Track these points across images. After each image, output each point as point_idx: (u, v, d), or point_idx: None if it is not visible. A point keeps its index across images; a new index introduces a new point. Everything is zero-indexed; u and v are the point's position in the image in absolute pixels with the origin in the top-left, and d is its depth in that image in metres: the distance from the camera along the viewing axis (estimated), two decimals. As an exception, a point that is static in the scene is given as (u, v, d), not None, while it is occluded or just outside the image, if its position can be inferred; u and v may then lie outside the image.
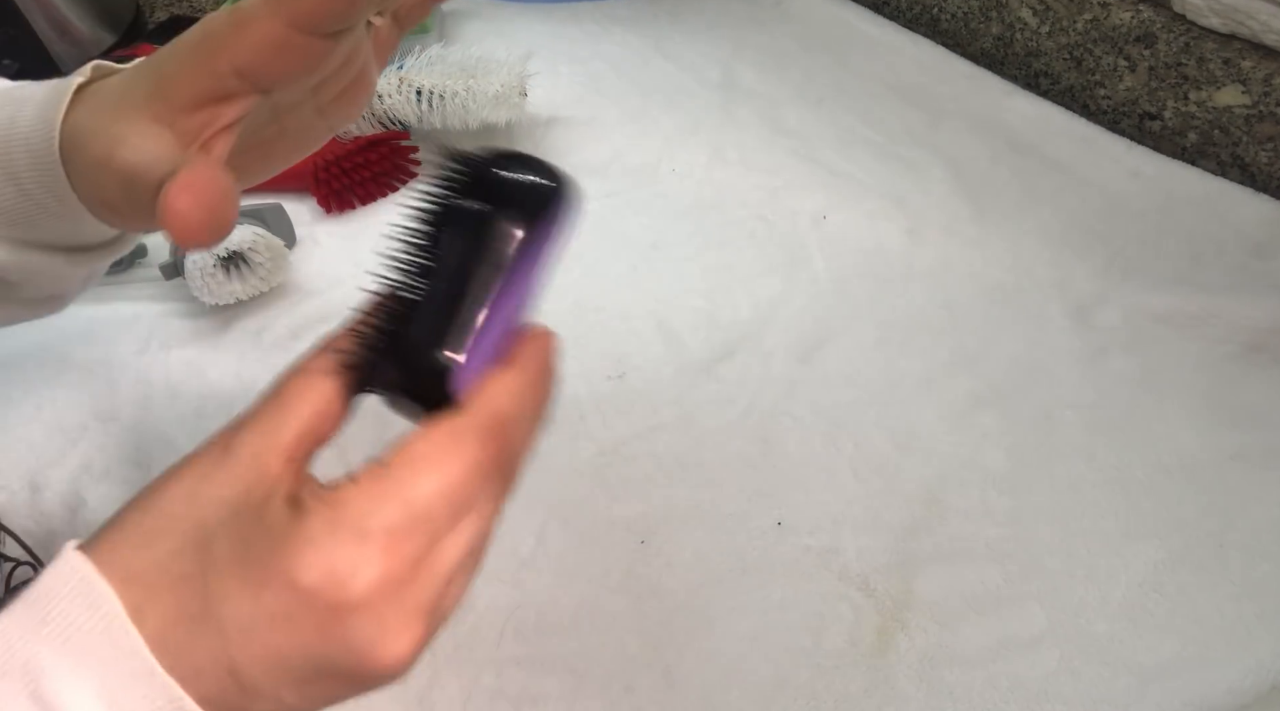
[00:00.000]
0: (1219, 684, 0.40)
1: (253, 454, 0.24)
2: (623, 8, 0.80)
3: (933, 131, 0.67)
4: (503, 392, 0.25)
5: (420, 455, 0.23)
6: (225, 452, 0.24)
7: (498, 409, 0.24)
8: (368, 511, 0.22)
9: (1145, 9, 0.61)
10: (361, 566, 0.22)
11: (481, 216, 0.25)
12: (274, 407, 0.24)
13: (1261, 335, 0.53)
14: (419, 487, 0.23)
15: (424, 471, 0.23)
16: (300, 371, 0.25)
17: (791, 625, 0.42)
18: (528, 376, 0.25)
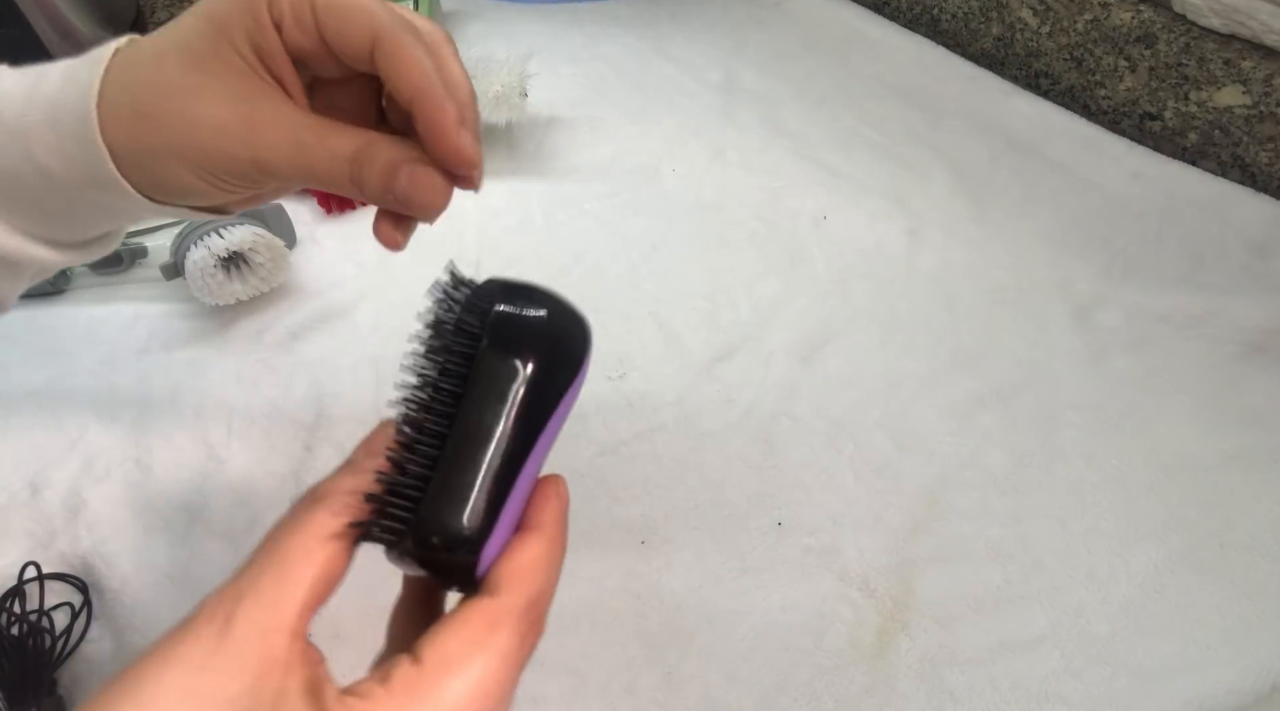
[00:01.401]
0: (1219, 684, 0.40)
1: (256, 634, 0.21)
2: (623, 9, 0.80)
3: (933, 132, 0.67)
4: (532, 568, 0.23)
5: (456, 654, 0.21)
6: (224, 634, 0.20)
7: (531, 589, 0.22)
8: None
9: (1146, 9, 0.61)
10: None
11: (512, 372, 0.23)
12: (275, 576, 0.21)
13: (1262, 335, 0.53)
14: (456, 690, 0.21)
15: (460, 671, 0.21)
16: (301, 532, 0.22)
17: (792, 625, 0.42)
18: (553, 544, 0.24)
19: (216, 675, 0.20)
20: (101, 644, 0.42)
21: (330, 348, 0.53)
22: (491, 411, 0.23)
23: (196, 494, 0.46)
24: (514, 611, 0.22)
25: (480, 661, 0.21)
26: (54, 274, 0.33)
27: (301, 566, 0.22)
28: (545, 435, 0.24)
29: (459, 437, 0.23)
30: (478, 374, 0.23)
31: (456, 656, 0.21)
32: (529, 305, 0.24)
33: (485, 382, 0.23)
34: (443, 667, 0.21)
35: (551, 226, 0.60)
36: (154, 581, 0.43)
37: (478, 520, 0.22)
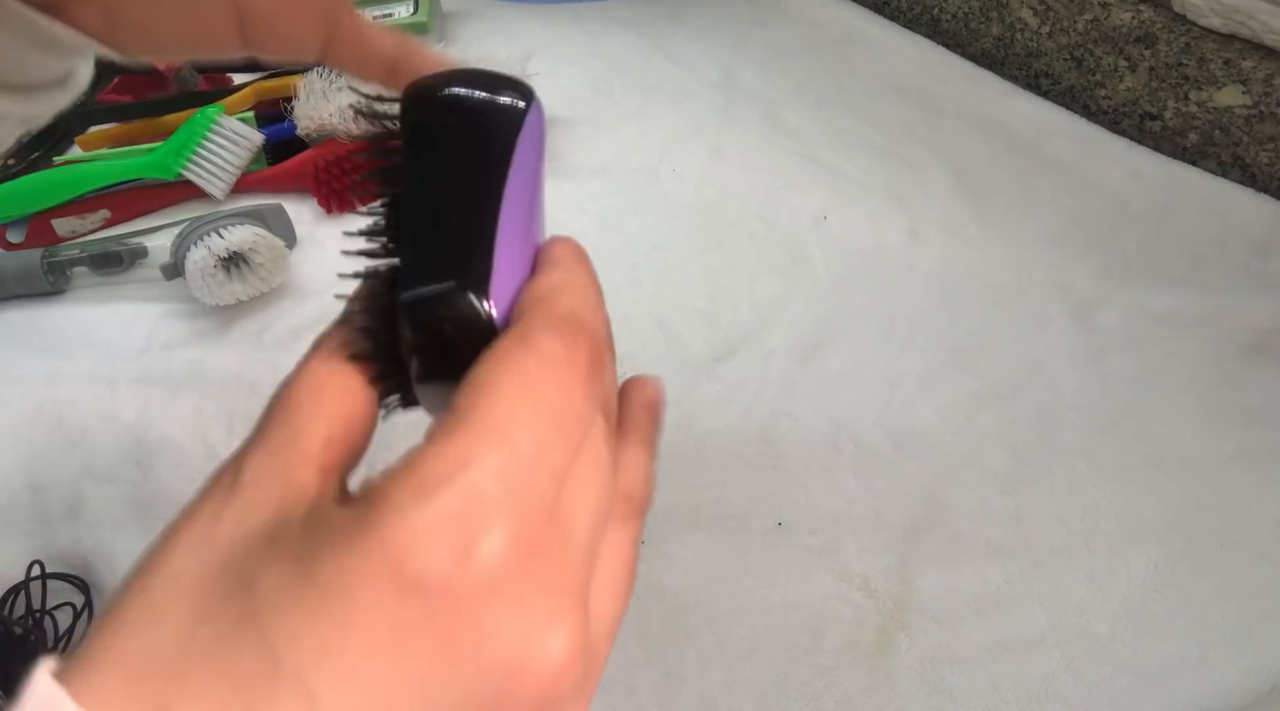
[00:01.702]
0: (1220, 684, 0.40)
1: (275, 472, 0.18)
2: (623, 8, 0.80)
3: (933, 132, 0.67)
4: (555, 288, 0.20)
5: (492, 378, 0.17)
6: (235, 481, 0.18)
7: (559, 303, 0.19)
8: (462, 460, 0.16)
9: (1146, 9, 0.61)
10: (479, 530, 0.16)
11: (449, 133, 0.22)
12: (285, 417, 0.19)
13: (1262, 335, 0.53)
14: (513, 414, 0.17)
15: (508, 393, 0.17)
16: (299, 377, 0.20)
17: (792, 625, 0.42)
18: (572, 271, 0.21)
19: (232, 518, 0.17)
20: (102, 644, 0.42)
21: (330, 347, 0.53)
22: (434, 177, 0.21)
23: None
24: (545, 325, 0.18)
25: (528, 376, 0.17)
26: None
27: (313, 403, 0.19)
28: (514, 180, 0.21)
29: (410, 215, 0.21)
30: (413, 160, 0.22)
31: (494, 381, 0.17)
32: (440, 88, 0.22)
33: (422, 160, 0.22)
34: (483, 399, 0.17)
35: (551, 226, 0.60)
36: (154, 581, 0.43)
37: (465, 262, 0.20)
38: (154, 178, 0.61)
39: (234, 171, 0.61)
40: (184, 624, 0.16)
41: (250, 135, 0.61)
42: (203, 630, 0.16)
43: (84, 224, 0.61)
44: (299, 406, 0.19)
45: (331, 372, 0.20)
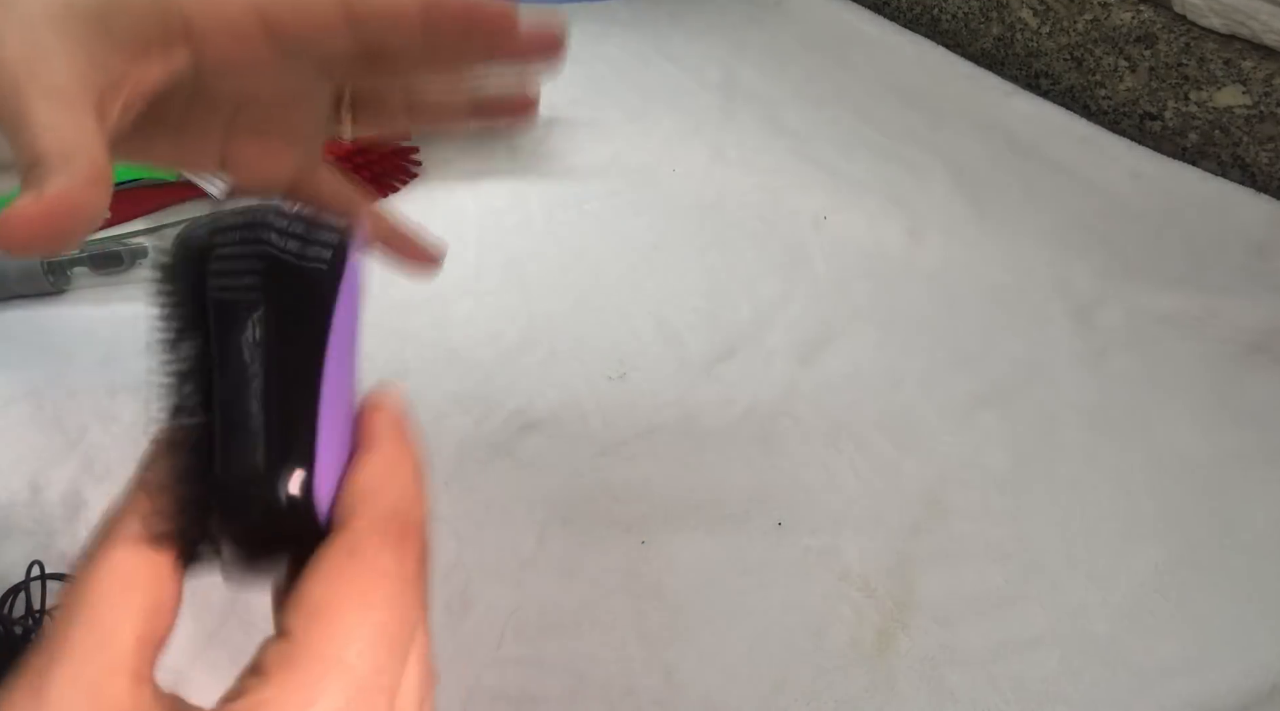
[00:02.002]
0: (1220, 684, 0.40)
1: (80, 690, 0.16)
2: (623, 9, 0.80)
3: (933, 132, 0.67)
4: (378, 482, 0.20)
5: (327, 603, 0.17)
6: (37, 702, 0.16)
7: (383, 502, 0.19)
8: (308, 701, 0.16)
9: (1146, 9, 0.61)
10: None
11: (251, 297, 0.20)
12: (88, 622, 0.17)
13: (1263, 335, 0.53)
14: (351, 644, 0.17)
15: (345, 621, 0.17)
16: (104, 566, 0.18)
17: (792, 626, 0.42)
18: (393, 454, 0.21)
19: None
20: (102, 644, 0.42)
21: (330, 347, 0.53)
22: (238, 354, 0.20)
23: (196, 494, 0.46)
24: (369, 529, 0.18)
25: (364, 598, 0.17)
26: None
27: (117, 601, 0.17)
28: (330, 356, 0.20)
29: (222, 395, 0.19)
30: (213, 330, 0.20)
31: (329, 605, 0.17)
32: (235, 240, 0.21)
33: (222, 331, 0.20)
34: (321, 627, 0.17)
35: (551, 226, 0.60)
36: (154, 581, 0.43)
37: (288, 462, 0.19)
38: (154, 178, 0.61)
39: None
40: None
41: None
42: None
43: (84, 224, 0.61)
44: (104, 606, 0.17)
45: (137, 562, 0.18)
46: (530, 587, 0.43)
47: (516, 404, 0.50)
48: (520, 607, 0.43)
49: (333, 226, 0.22)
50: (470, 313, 0.55)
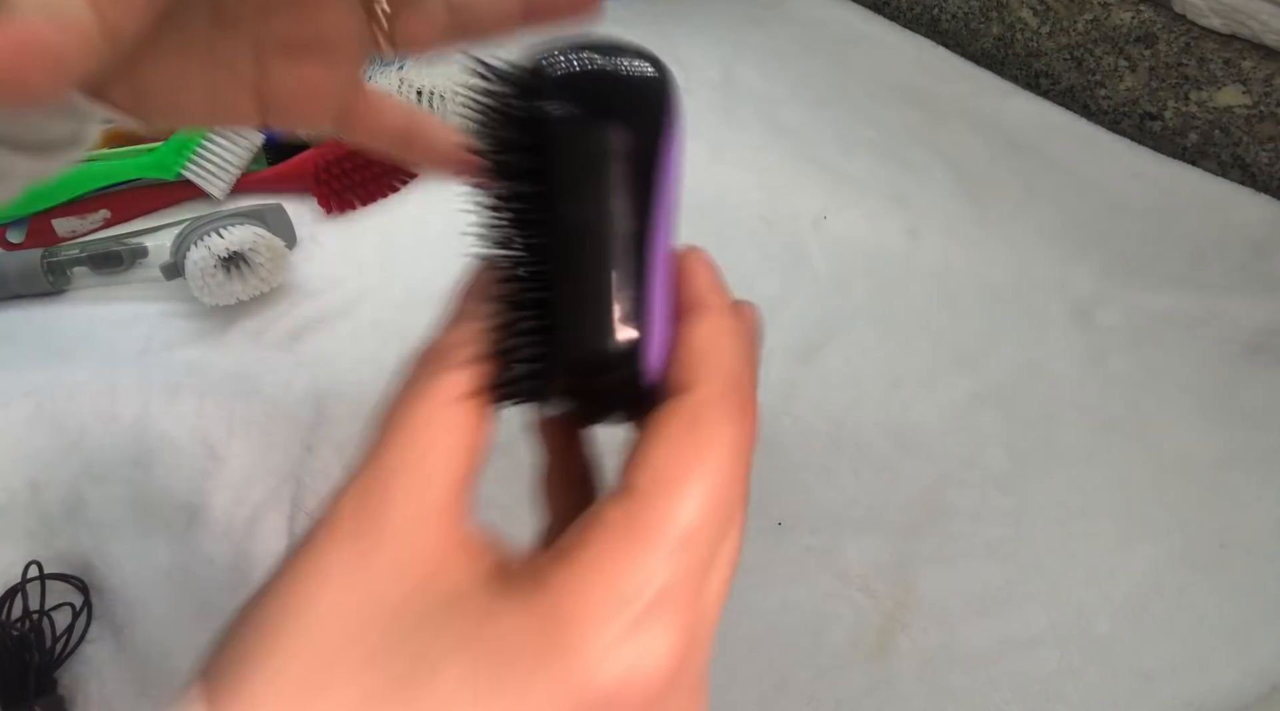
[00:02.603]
0: (1219, 684, 0.40)
1: (416, 523, 0.17)
2: (623, 8, 0.80)
3: (933, 131, 0.66)
4: (711, 346, 0.20)
5: (671, 467, 0.18)
6: (376, 528, 0.17)
7: (720, 368, 0.20)
8: (647, 569, 0.17)
9: (1146, 9, 0.61)
10: (660, 644, 0.17)
11: (596, 141, 0.19)
12: (409, 455, 0.18)
13: (1262, 335, 0.53)
14: (690, 513, 0.17)
15: (687, 488, 0.18)
16: (428, 399, 0.19)
17: (792, 626, 0.42)
18: (722, 315, 0.21)
19: (379, 578, 0.16)
20: (102, 644, 0.42)
21: (330, 348, 0.53)
22: (592, 198, 0.19)
23: (196, 494, 0.46)
24: (711, 398, 0.19)
25: (705, 468, 0.18)
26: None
27: (440, 438, 0.18)
28: (662, 204, 0.20)
29: (566, 243, 0.19)
30: (556, 160, 0.19)
31: (672, 468, 0.18)
32: (582, 59, 0.19)
33: (569, 166, 0.19)
34: (664, 490, 0.17)
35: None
36: (154, 581, 0.43)
37: (628, 324, 0.19)
38: (154, 178, 0.61)
39: (234, 171, 0.61)
40: (356, 697, 0.16)
41: (250, 135, 0.61)
42: None
43: (84, 224, 0.61)
44: (427, 443, 0.18)
45: (460, 411, 0.19)
46: (530, 587, 0.43)
47: (516, 404, 0.50)
48: (520, 607, 0.43)
49: (651, 57, 0.20)
50: (470, 312, 0.54)
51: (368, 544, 0.17)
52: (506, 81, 0.19)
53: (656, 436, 0.18)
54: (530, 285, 0.19)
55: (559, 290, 0.19)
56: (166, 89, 0.26)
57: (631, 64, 0.20)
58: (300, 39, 0.26)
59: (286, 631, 0.16)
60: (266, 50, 0.26)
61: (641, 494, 0.17)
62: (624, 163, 0.19)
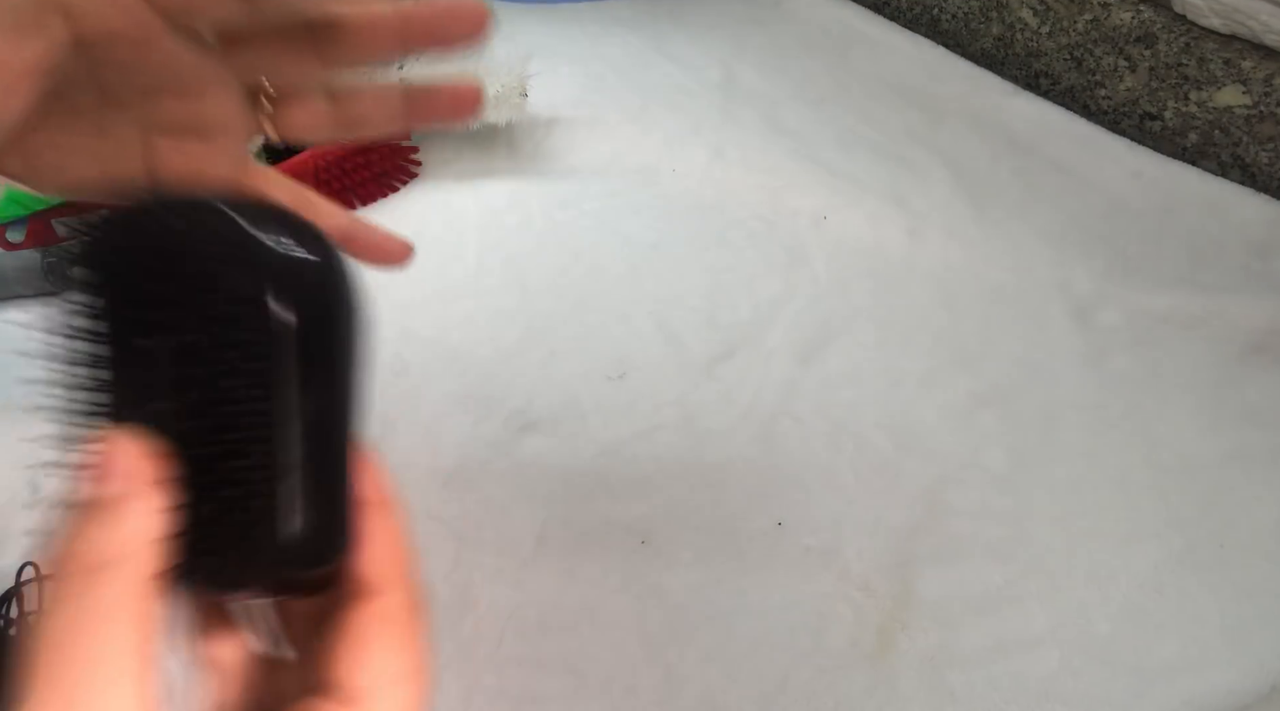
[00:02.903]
0: (1219, 684, 0.40)
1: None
2: (623, 9, 0.80)
3: (933, 132, 0.66)
4: (400, 549, 0.21)
5: (387, 674, 0.19)
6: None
7: (407, 572, 0.21)
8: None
9: (1146, 9, 0.61)
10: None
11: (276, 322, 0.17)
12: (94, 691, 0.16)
13: (1262, 335, 0.53)
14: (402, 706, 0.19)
15: (403, 689, 0.19)
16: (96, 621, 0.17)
17: (792, 625, 0.42)
18: (398, 515, 0.21)
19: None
20: (101, 644, 0.42)
21: (330, 347, 0.53)
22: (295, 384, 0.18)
23: (196, 494, 0.46)
24: (411, 602, 0.20)
25: (411, 666, 0.20)
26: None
27: (121, 659, 0.17)
28: (347, 392, 0.19)
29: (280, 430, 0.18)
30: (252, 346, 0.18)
31: (389, 674, 0.19)
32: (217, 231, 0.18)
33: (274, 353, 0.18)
34: (382, 692, 0.19)
35: (551, 226, 0.60)
36: (154, 581, 0.43)
37: (341, 518, 0.19)
38: (154, 178, 0.61)
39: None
40: None
41: (250, 135, 0.61)
42: None
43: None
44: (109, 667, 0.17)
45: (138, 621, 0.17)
46: (530, 587, 0.43)
47: (516, 404, 0.50)
48: (520, 607, 0.43)
49: (298, 220, 0.19)
50: (470, 313, 0.54)
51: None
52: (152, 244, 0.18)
53: (367, 642, 0.19)
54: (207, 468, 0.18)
55: (280, 478, 0.18)
56: (57, 159, 0.26)
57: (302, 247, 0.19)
58: (185, 122, 0.27)
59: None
60: (152, 129, 0.27)
61: (366, 695, 0.19)
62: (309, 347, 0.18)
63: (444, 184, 0.61)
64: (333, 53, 0.28)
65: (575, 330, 0.54)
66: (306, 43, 0.28)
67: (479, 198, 0.61)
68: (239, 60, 0.27)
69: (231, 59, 0.27)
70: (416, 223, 0.60)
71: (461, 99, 0.28)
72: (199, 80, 0.27)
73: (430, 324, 0.54)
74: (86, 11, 0.23)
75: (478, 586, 0.43)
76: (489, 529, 0.45)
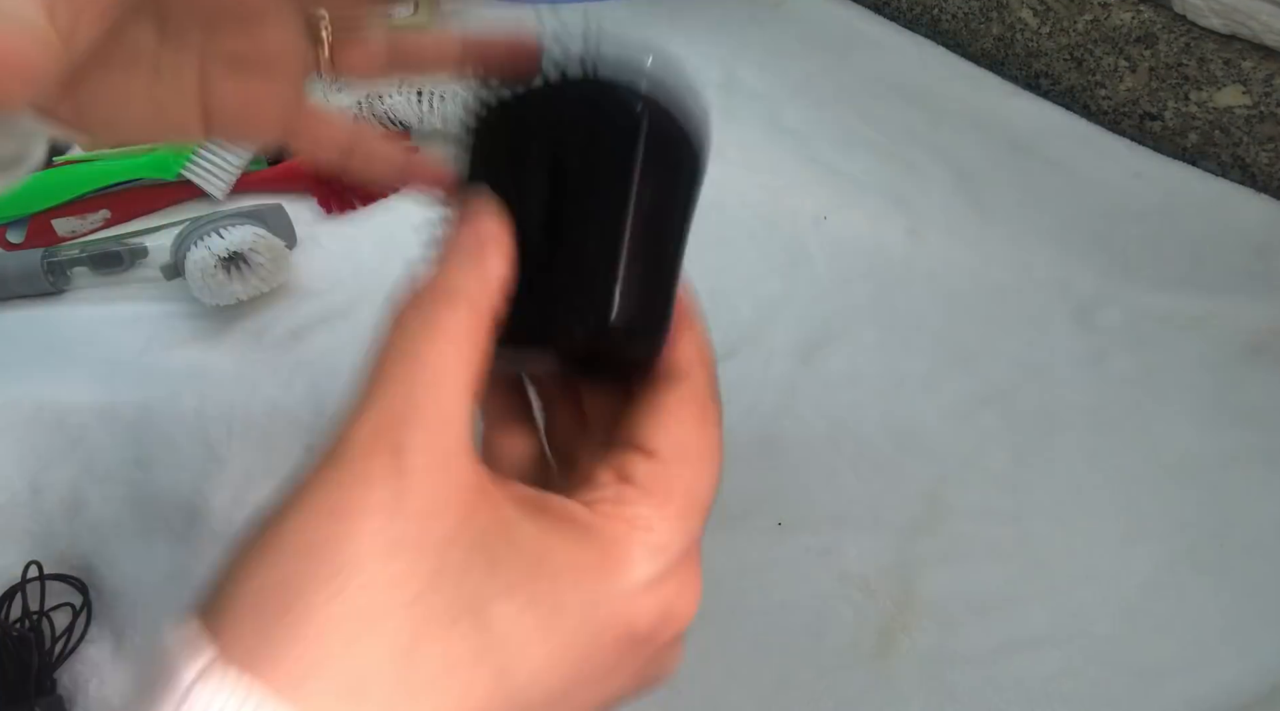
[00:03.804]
0: (1220, 684, 0.40)
1: (438, 463, 0.17)
2: (623, 9, 0.80)
3: (933, 132, 0.66)
4: (701, 348, 0.23)
5: (689, 443, 0.21)
6: (400, 469, 0.17)
7: (709, 368, 0.23)
8: (678, 528, 0.20)
9: (1146, 9, 0.61)
10: (686, 595, 0.21)
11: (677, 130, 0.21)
12: (432, 393, 0.18)
13: (1263, 336, 0.53)
14: (704, 486, 0.21)
15: (701, 465, 0.21)
16: (442, 337, 0.19)
17: (792, 626, 0.42)
18: (703, 331, 0.24)
19: (415, 519, 0.17)
20: (101, 644, 0.42)
21: (330, 347, 0.53)
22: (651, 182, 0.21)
23: (196, 494, 0.46)
24: (711, 388, 0.22)
25: (709, 445, 0.21)
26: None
27: (453, 377, 0.18)
28: (689, 204, 0.22)
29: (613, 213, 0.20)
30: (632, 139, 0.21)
31: (691, 445, 0.21)
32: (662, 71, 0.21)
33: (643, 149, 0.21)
34: (684, 462, 0.21)
35: (551, 226, 0.60)
36: (154, 581, 0.43)
37: (667, 304, 0.22)
38: (154, 178, 0.61)
39: (234, 171, 0.61)
40: (403, 640, 0.16)
41: (250, 135, 0.61)
42: (428, 652, 0.16)
43: (84, 224, 0.61)
44: (445, 386, 0.18)
45: (470, 350, 0.19)
46: (530, 587, 0.43)
47: (516, 404, 0.50)
48: (520, 607, 0.43)
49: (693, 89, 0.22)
50: (470, 312, 0.54)
51: (395, 487, 0.17)
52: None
53: (671, 411, 0.21)
54: (551, 240, 0.20)
55: (604, 256, 0.20)
56: (111, 103, 0.26)
57: (692, 99, 0.22)
58: (244, 55, 0.27)
59: (320, 573, 0.16)
60: (211, 65, 0.27)
61: (666, 460, 0.20)
62: (675, 167, 0.22)
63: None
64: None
65: (575, 330, 0.54)
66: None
67: (479, 198, 0.61)
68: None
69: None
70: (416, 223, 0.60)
71: (518, 51, 0.28)
72: (261, 11, 0.27)
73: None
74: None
75: (478, 586, 0.43)
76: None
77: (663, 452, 0.21)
